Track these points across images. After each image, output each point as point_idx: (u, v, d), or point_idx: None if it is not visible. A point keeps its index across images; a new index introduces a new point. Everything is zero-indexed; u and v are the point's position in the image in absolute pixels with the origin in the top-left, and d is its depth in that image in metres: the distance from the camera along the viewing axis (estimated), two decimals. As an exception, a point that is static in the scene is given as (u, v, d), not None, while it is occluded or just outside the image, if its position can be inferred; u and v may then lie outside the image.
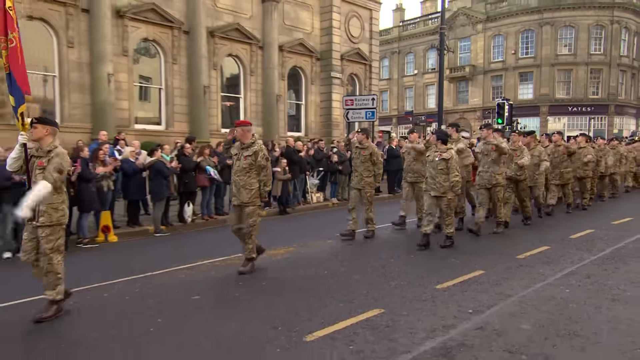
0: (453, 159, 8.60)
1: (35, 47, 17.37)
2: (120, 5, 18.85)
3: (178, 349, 4.84)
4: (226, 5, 22.37)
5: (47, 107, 17.86)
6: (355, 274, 7.57)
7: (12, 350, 4.95)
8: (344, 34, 26.95)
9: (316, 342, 4.85)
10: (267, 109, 23.81)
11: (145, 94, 20.98)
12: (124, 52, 19.20)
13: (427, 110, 49.79)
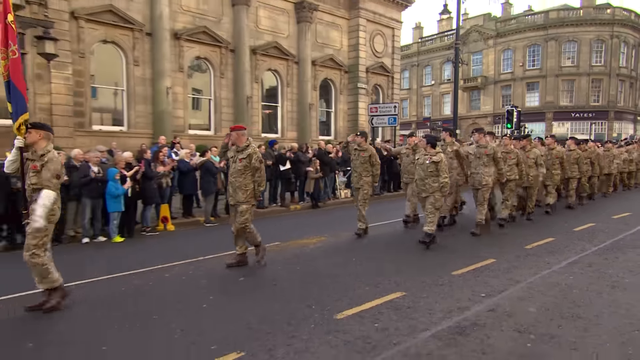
0: (442, 162, 8.11)
1: (108, 66, 17.96)
2: (177, 29, 19.18)
3: (228, 322, 4.96)
4: (266, 27, 22.52)
5: (117, 116, 18.36)
6: (379, 261, 7.54)
7: (110, 315, 5.14)
8: (369, 49, 26.85)
9: (346, 320, 4.90)
10: (301, 115, 23.89)
11: (197, 104, 21.25)
12: (180, 69, 19.52)
13: (443, 116, 49.32)
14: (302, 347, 4.21)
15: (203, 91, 21.19)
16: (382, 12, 27.29)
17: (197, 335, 4.54)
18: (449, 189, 8.30)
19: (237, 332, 4.61)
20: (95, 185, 9.72)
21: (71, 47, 16.02)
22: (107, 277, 6.81)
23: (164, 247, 9.19)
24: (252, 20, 21.77)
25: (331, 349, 4.18)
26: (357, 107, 26.24)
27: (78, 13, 16.48)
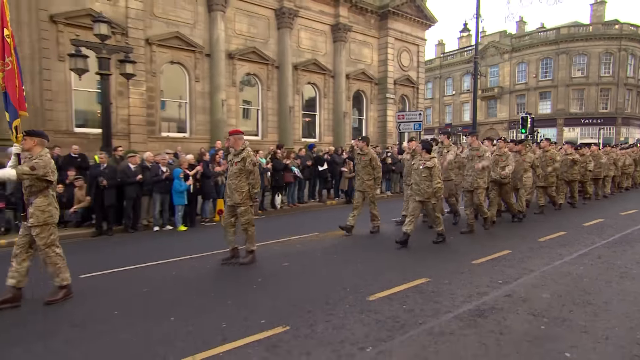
0: (436, 167, 7.39)
1: (174, 82, 18.37)
2: (231, 50, 19.42)
3: (274, 300, 5.01)
4: (306, 46, 22.55)
5: (181, 124, 18.72)
6: (407, 251, 7.44)
7: (181, 290, 5.19)
8: (396, 64, 26.53)
9: (377, 301, 4.89)
10: (337, 122, 23.83)
11: (247, 113, 21.46)
12: (233, 84, 19.78)
13: (463, 123, 48.32)
14: (339, 324, 4.22)
15: (252, 102, 21.39)
16: (408, 32, 26.94)
17: (249, 311, 4.61)
18: (441, 193, 7.63)
19: (282, 309, 4.65)
20: (163, 182, 10.01)
21: (145, 68, 16.50)
22: (175, 260, 7.02)
23: (220, 235, 9.21)
24: (294, 41, 21.86)
25: (364, 326, 4.17)
26: (386, 115, 25.99)
27: (151, 40, 16.95)
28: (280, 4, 20.85)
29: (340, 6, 23.30)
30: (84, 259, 7.20)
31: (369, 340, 3.86)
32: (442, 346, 3.76)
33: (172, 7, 17.68)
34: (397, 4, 25.50)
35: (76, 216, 9.95)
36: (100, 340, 4.01)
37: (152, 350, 3.73)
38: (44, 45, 14.37)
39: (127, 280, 5.98)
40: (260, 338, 3.91)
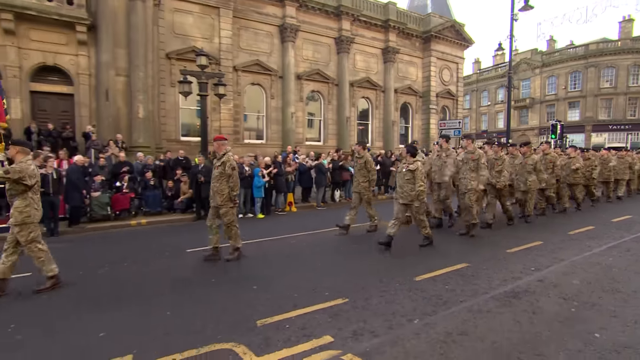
0: (418, 170, 6.27)
1: (254, 100, 18.92)
2: (299, 72, 19.69)
3: (335, 277, 4.99)
4: (361, 67, 22.34)
5: (259, 133, 19.26)
6: (450, 240, 7.11)
7: (264, 265, 5.35)
8: (438, 80, 25.55)
9: (423, 281, 4.77)
10: (386, 130, 23.41)
11: (311, 123, 21.63)
12: (300, 99, 20.04)
13: (497, 130, 45.54)
14: (390, 299, 4.17)
15: (315, 114, 21.54)
16: (448, 52, 25.84)
17: (315, 284, 4.66)
18: (425, 196, 6.41)
19: (342, 284, 4.65)
20: (246, 179, 10.33)
21: (232, 89, 17.18)
22: (255, 241, 7.18)
23: (290, 222, 9.39)
24: (351, 63, 21.70)
25: (412, 302, 4.09)
26: (429, 123, 25.13)
27: (237, 67, 17.62)
28: (340, 33, 20.81)
29: (389, 33, 22.86)
30: (188, 237, 7.62)
31: (416, 314, 3.78)
32: (480, 321, 3.60)
33: (253, 41, 18.27)
34: (438, 29, 24.58)
35: (182, 205, 10.55)
36: (200, 299, 4.21)
37: (241, 311, 3.89)
38: (161, 76, 15.45)
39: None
40: (325, 307, 3.95)
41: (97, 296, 4.45)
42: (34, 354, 3.14)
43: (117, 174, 10.15)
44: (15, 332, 3.55)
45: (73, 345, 3.28)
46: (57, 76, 13.41)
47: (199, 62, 11.25)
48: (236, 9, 17.36)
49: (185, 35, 16.09)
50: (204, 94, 11.43)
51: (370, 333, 3.40)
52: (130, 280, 5.04)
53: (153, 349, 3.15)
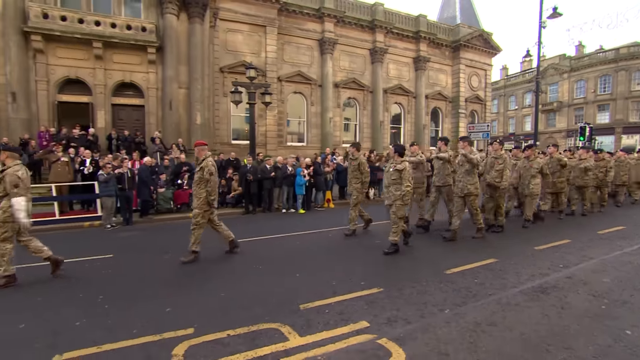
0: (406, 170, 5.53)
1: (296, 106, 19.12)
2: (337, 81, 19.69)
3: (370, 267, 4.90)
4: (394, 75, 21.95)
5: (300, 136, 19.44)
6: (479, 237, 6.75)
7: (307, 255, 5.42)
8: (467, 85, 24.57)
9: (453, 275, 4.63)
10: (417, 133, 22.84)
11: (347, 127, 21.55)
12: (338, 106, 20.02)
13: (524, 132, 42.93)
14: (422, 290, 4.08)
15: (351, 119, 21.44)
16: (477, 59, 24.76)
17: (352, 274, 4.65)
18: (410, 197, 5.65)
19: (376, 275, 4.62)
20: (289, 178, 10.49)
21: (277, 97, 17.50)
22: (298, 233, 7.28)
23: (328, 217, 9.40)
24: (384, 71, 21.39)
25: (442, 293, 3.99)
26: (458, 126, 24.24)
27: (281, 77, 17.94)
28: (374, 45, 20.57)
29: (420, 43, 22.29)
30: (238, 229, 7.80)
31: (446, 304, 3.68)
32: (509, 314, 3.44)
33: (295, 54, 18.49)
34: (467, 38, 23.63)
35: (233, 200, 10.90)
36: (249, 284, 4.34)
37: (285, 296, 3.97)
38: (216, 87, 16.05)
39: (266, 245, 6.36)
40: (361, 295, 3.94)
41: (164, 277, 4.72)
42: (119, 320, 3.40)
43: (178, 173, 10.66)
44: (104, 303, 3.86)
45: (148, 316, 3.51)
46: (132, 91, 14.33)
47: (248, 75, 11.57)
48: (280, 26, 17.66)
49: (236, 51, 16.59)
50: (252, 102, 11.73)
51: (403, 320, 3.35)
52: (191, 264, 5.28)
53: (210, 324, 3.30)
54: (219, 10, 15.98)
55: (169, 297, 3.99)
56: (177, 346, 2.93)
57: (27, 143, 11.55)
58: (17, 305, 3.86)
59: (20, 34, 12.26)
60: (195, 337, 3.07)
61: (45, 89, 12.96)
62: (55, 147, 9.87)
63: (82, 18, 12.89)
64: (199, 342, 2.99)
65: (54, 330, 3.28)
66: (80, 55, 13.19)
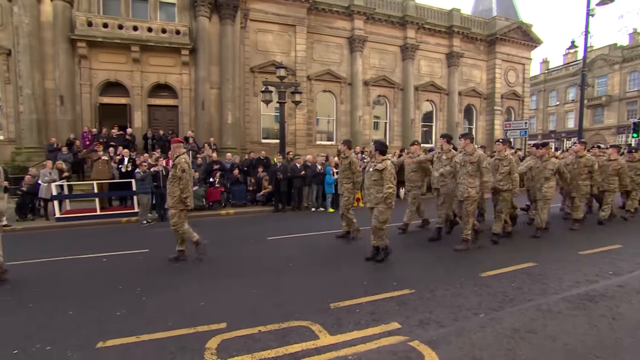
0: (387, 170, 4.94)
1: (325, 105, 19.14)
2: (367, 79, 19.51)
3: (403, 268, 4.81)
4: (425, 71, 21.44)
5: (329, 135, 19.43)
6: (516, 238, 6.49)
7: (337, 254, 5.43)
8: (503, 81, 23.54)
9: (488, 278, 4.46)
10: (449, 131, 22.04)
11: (376, 125, 21.28)
12: (367, 104, 19.84)
13: (567, 129, 40.60)
14: (455, 292, 3.97)
15: (380, 117, 21.16)
16: (514, 53, 23.66)
17: (383, 274, 4.61)
18: (393, 200, 5.02)
19: (409, 276, 4.53)
20: (319, 176, 10.52)
21: (306, 96, 17.60)
22: (326, 232, 7.24)
23: (358, 216, 9.17)
24: (416, 68, 20.94)
25: (477, 296, 3.85)
26: (493, 124, 23.31)
27: (311, 76, 18.04)
28: (404, 41, 20.20)
29: (453, 38, 21.61)
30: (269, 226, 7.99)
31: (481, 308, 3.56)
32: (551, 321, 3.26)
33: (325, 52, 18.51)
34: (504, 31, 22.63)
35: (263, 198, 11.09)
36: (280, 281, 4.38)
37: (316, 294, 3.98)
38: (246, 87, 16.41)
39: (296, 243, 6.39)
40: (392, 296, 3.89)
41: (197, 272, 4.88)
42: (155, 312, 3.56)
43: (210, 171, 11.00)
44: (141, 295, 4.06)
45: (183, 309, 3.65)
46: (166, 92, 14.94)
47: (278, 74, 11.72)
48: (310, 25, 17.75)
49: (266, 51, 16.86)
50: (282, 102, 11.88)
51: (436, 323, 3.27)
52: (222, 261, 5.43)
53: (242, 320, 3.38)
54: (250, 11, 16.30)
55: (202, 292, 4.12)
56: (211, 339, 3.03)
57: (73, 143, 12.35)
58: (64, 294, 4.14)
59: (67, 42, 13.12)
60: (227, 332, 3.15)
61: (88, 92, 13.79)
62: (97, 146, 10.47)
63: (121, 24, 13.58)
64: (231, 337, 3.07)
65: (98, 318, 3.48)
66: (119, 59, 13.92)
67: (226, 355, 2.80)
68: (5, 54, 13.31)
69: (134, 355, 2.83)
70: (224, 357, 2.77)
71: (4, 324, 3.43)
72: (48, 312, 3.68)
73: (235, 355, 2.79)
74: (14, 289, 4.39)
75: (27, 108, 12.90)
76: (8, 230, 8.42)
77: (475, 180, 5.65)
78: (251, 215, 9.90)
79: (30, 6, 12.71)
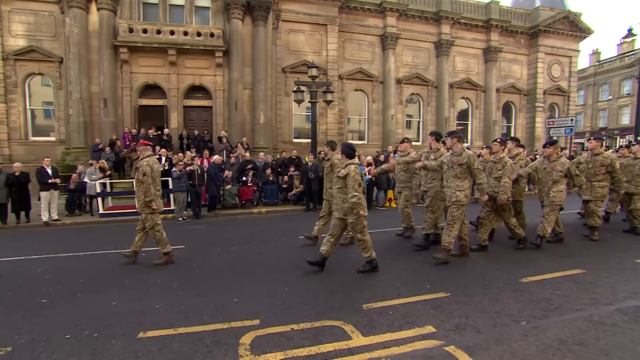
0: (350, 176, 4.43)
1: (356, 104, 19.03)
2: (399, 77, 19.20)
3: (436, 271, 4.67)
4: (461, 68, 20.76)
5: (361, 134, 19.29)
6: (561, 243, 6.10)
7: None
8: (546, 76, 22.29)
9: (529, 284, 4.25)
10: (487, 129, 21.33)
11: (409, 124, 20.87)
12: (400, 102, 19.51)
13: (620, 126, 37.57)
14: (494, 298, 3.81)
15: (413, 115, 20.73)
16: (560, 45, 22.33)
17: (416, 276, 4.50)
18: (361, 209, 4.46)
19: (443, 278, 4.41)
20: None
21: (338, 96, 17.58)
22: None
23: (391, 217, 9.15)
24: (450, 65, 20.34)
25: (518, 303, 3.67)
26: (534, 122, 22.15)
27: (342, 75, 18.01)
28: (439, 37, 19.67)
29: (491, 32, 20.76)
30: (300, 225, 8.03)
31: (523, 315, 3.38)
32: (603, 334, 3.04)
33: (357, 51, 18.42)
34: (548, 22, 21.42)
35: (294, 197, 11.21)
36: (311, 279, 4.41)
37: (348, 294, 3.97)
38: (278, 87, 16.66)
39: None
40: (426, 298, 3.80)
41: (231, 268, 5.02)
42: (191, 306, 3.70)
43: (243, 170, 11.27)
44: (178, 289, 4.23)
45: (217, 304, 3.76)
46: (201, 93, 15.48)
47: (310, 74, 11.81)
48: (341, 24, 17.72)
49: (298, 51, 17.03)
50: (314, 101, 11.95)
51: (473, 328, 3.16)
52: (255, 257, 5.55)
53: (274, 317, 3.43)
54: (281, 12, 16.53)
55: (236, 288, 4.23)
56: (244, 335, 3.10)
57: (114, 143, 13.11)
58: (107, 285, 4.40)
59: (111, 48, 13.95)
60: (260, 329, 3.21)
61: (129, 94, 14.57)
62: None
63: (159, 29, 14.23)
64: (264, 334, 3.13)
65: (138, 310, 3.67)
66: (157, 63, 14.60)
67: (259, 351, 2.86)
68: (58, 62, 14.39)
69: (172, 346, 2.95)
70: (257, 354, 2.83)
71: (57, 312, 3.71)
72: (93, 302, 3.92)
73: (268, 352, 2.84)
74: (63, 279, 4.72)
75: (75, 111, 13.85)
76: (59, 225, 9.11)
77: (465, 182, 5.07)
78: (283, 214, 10.03)
79: (80, 17, 13.63)
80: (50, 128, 15.05)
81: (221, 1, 15.09)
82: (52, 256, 5.99)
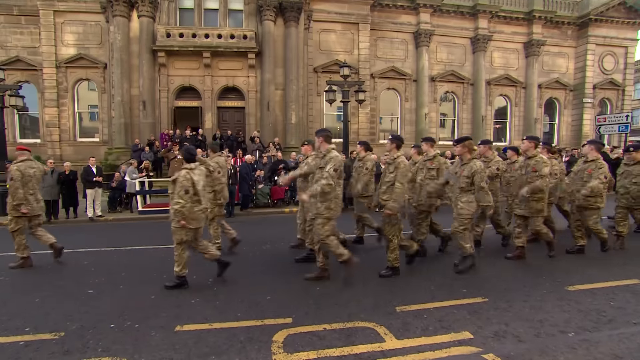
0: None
1: (388, 103, 18.83)
2: (433, 74, 18.80)
3: (472, 276, 4.52)
4: (499, 64, 19.96)
5: (393, 133, 18.95)
6: (614, 251, 5.68)
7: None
8: (597, 69, 20.90)
9: (577, 292, 3.98)
10: (527, 128, 20.33)
11: (443, 123, 20.36)
12: (434, 101, 19.07)
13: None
14: (536, 305, 3.62)
15: (447, 114, 20.21)
16: (614, 35, 20.84)
17: (452, 280, 4.38)
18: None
19: (480, 283, 4.26)
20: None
21: (369, 95, 17.43)
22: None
23: None
24: (488, 61, 19.60)
25: (564, 312, 3.46)
26: (582, 119, 20.85)
27: (374, 74, 17.88)
28: (475, 33, 19.01)
29: (533, 25, 19.77)
30: (331, 227, 8.04)
31: (570, 326, 3.19)
32: (663, 350, 2.81)
33: (389, 49, 18.20)
34: (600, 10, 20.08)
35: (324, 198, 11.22)
36: (341, 279, 4.38)
37: (381, 296, 3.93)
38: (309, 87, 16.82)
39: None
40: (462, 303, 3.68)
41: (264, 266, 5.12)
42: (226, 303, 3.81)
43: (275, 170, 11.45)
44: (213, 285, 4.38)
45: (251, 301, 3.85)
46: (234, 94, 15.93)
47: (342, 73, 11.81)
48: (373, 22, 17.57)
49: (329, 50, 17.08)
50: (345, 100, 11.94)
51: (514, 337, 3.02)
52: (287, 256, 5.63)
53: (307, 316, 3.46)
54: (313, 12, 16.65)
55: (269, 286, 4.31)
56: (277, 333, 3.15)
57: (153, 143, 13.77)
58: (146, 279, 4.63)
59: (150, 53, 14.69)
60: (293, 327, 3.25)
61: (166, 96, 15.26)
62: (173, 146, 11.53)
63: (194, 33, 14.80)
64: (297, 332, 3.16)
65: (175, 304, 3.84)
66: (192, 65, 15.18)
67: (292, 349, 2.89)
68: (103, 67, 15.41)
69: (207, 341, 3.06)
70: (290, 352, 2.86)
71: (103, 302, 3.96)
72: (134, 294, 4.14)
73: (301, 351, 2.87)
74: (106, 271, 5.03)
75: (117, 113, 14.70)
76: (102, 221, 9.70)
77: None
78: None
79: (122, 25, 14.48)
80: (94, 129, 16.10)
81: (254, 3, 15.45)
82: (96, 250, 6.39)
